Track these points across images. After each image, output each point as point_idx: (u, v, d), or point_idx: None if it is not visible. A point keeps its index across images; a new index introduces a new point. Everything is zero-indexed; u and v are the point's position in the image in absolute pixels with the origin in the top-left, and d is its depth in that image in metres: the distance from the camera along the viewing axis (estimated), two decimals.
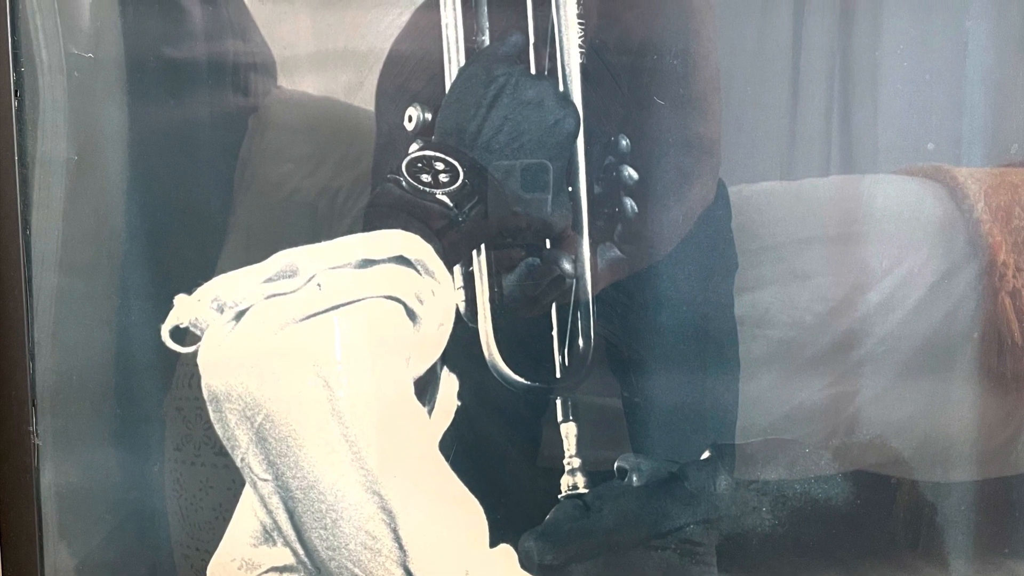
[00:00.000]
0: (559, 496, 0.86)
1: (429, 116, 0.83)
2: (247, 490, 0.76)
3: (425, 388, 0.80)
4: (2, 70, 0.82)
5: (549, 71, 0.83)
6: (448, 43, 0.83)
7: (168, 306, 0.76)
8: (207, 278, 0.77)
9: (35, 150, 0.85)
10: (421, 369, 0.79)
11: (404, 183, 0.80)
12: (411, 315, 0.77)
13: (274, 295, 0.75)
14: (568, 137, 0.83)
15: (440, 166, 0.80)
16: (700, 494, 0.87)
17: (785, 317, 0.91)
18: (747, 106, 0.91)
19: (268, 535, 0.76)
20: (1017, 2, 0.91)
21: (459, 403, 0.83)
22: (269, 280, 0.76)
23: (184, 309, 0.76)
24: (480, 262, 0.84)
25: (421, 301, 0.77)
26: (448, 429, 0.81)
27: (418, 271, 0.77)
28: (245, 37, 0.91)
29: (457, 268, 0.84)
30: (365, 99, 0.90)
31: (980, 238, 0.90)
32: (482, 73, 0.82)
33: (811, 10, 0.92)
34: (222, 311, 0.75)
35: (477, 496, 0.78)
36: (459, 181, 0.80)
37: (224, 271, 0.77)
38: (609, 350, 0.87)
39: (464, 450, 0.83)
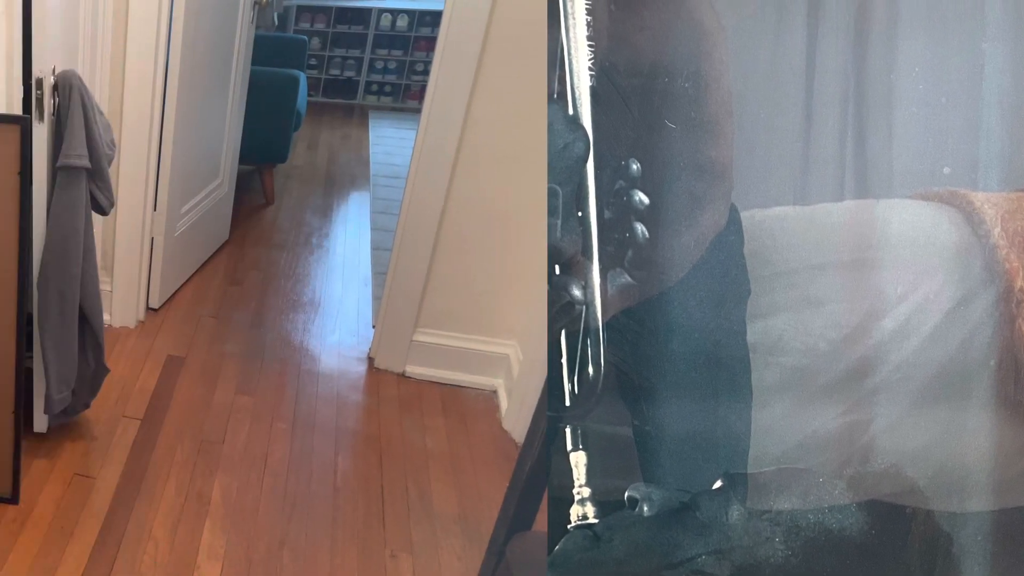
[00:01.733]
0: (569, 526, 0.85)
1: None
2: None
3: None
4: None
5: (559, 94, 0.82)
6: None
7: None
8: None
9: None
10: None
11: None
12: None
13: None
14: (578, 161, 0.82)
15: None
16: (712, 524, 0.85)
17: (798, 344, 0.90)
18: (760, 130, 0.90)
19: None
20: None
21: None
22: None
23: None
24: None
25: None
26: None
27: None
28: None
29: None
30: None
31: (997, 264, 0.89)
32: None
33: (825, 32, 0.90)
34: None
35: None
36: None
37: None
38: (619, 378, 0.86)
39: None
